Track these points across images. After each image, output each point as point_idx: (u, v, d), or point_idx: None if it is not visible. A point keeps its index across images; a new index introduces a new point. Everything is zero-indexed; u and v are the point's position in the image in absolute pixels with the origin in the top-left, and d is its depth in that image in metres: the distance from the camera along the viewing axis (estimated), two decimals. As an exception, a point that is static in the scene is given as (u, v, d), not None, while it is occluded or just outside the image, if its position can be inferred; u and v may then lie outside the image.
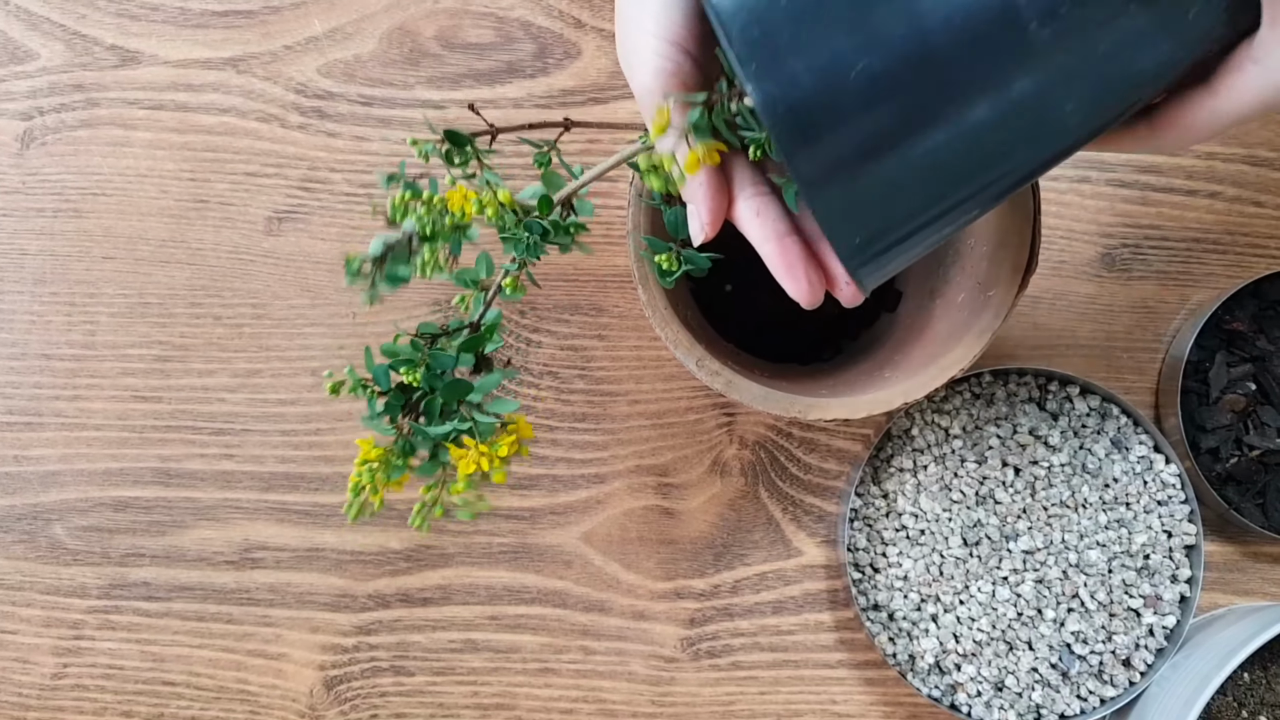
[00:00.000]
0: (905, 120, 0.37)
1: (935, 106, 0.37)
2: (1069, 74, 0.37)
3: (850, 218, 0.39)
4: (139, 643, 0.71)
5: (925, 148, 0.38)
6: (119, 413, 0.71)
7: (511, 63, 0.71)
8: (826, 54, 0.36)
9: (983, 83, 0.36)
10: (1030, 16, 0.35)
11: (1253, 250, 0.71)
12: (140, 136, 0.72)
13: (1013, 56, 0.36)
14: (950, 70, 0.36)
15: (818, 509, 0.71)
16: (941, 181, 0.39)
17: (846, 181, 0.38)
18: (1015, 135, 0.38)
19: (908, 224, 0.41)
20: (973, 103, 0.37)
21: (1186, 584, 0.66)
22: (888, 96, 0.36)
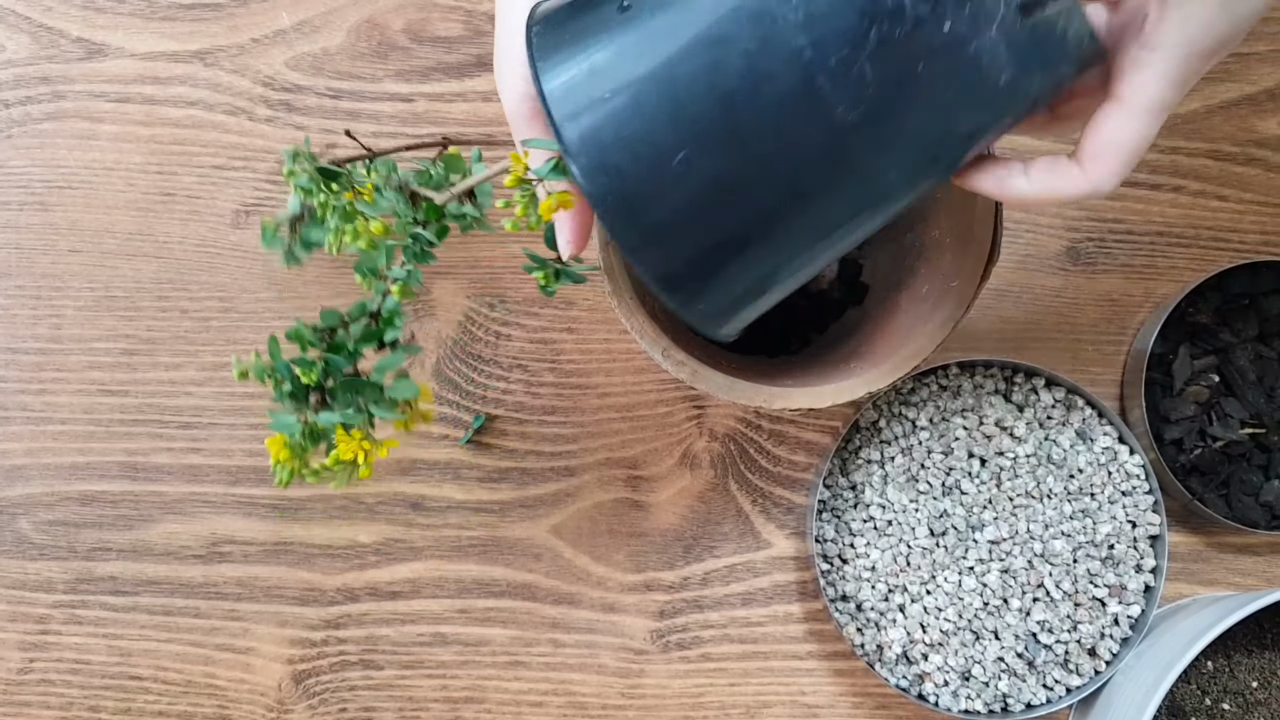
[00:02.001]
0: (724, 203, 0.39)
1: (755, 189, 0.39)
2: (884, 147, 0.38)
3: (679, 285, 0.41)
4: (106, 637, 0.70)
5: (749, 226, 0.39)
6: (85, 406, 0.71)
7: (480, 56, 0.71)
8: (649, 147, 0.38)
9: (801, 165, 0.38)
10: (837, 101, 0.37)
11: (1216, 244, 0.72)
12: (107, 129, 0.71)
13: (825, 138, 0.37)
14: (767, 155, 0.38)
15: (787, 501, 0.71)
16: (771, 253, 0.41)
17: (672, 259, 0.40)
18: (841, 204, 0.40)
19: (742, 291, 0.43)
20: (792, 182, 0.39)
21: (1151, 574, 0.67)
22: (707, 183, 0.38)
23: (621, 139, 0.38)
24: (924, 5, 0.35)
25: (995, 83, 0.38)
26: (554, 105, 0.38)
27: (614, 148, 0.38)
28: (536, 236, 0.71)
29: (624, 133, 0.38)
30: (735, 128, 0.37)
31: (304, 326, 0.51)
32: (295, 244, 0.59)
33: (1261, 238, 0.71)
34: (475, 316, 0.71)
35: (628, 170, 0.38)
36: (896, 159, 0.39)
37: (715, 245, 0.40)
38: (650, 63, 0.37)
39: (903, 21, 0.36)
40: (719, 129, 0.37)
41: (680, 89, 0.37)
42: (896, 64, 0.36)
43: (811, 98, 0.36)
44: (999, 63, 0.37)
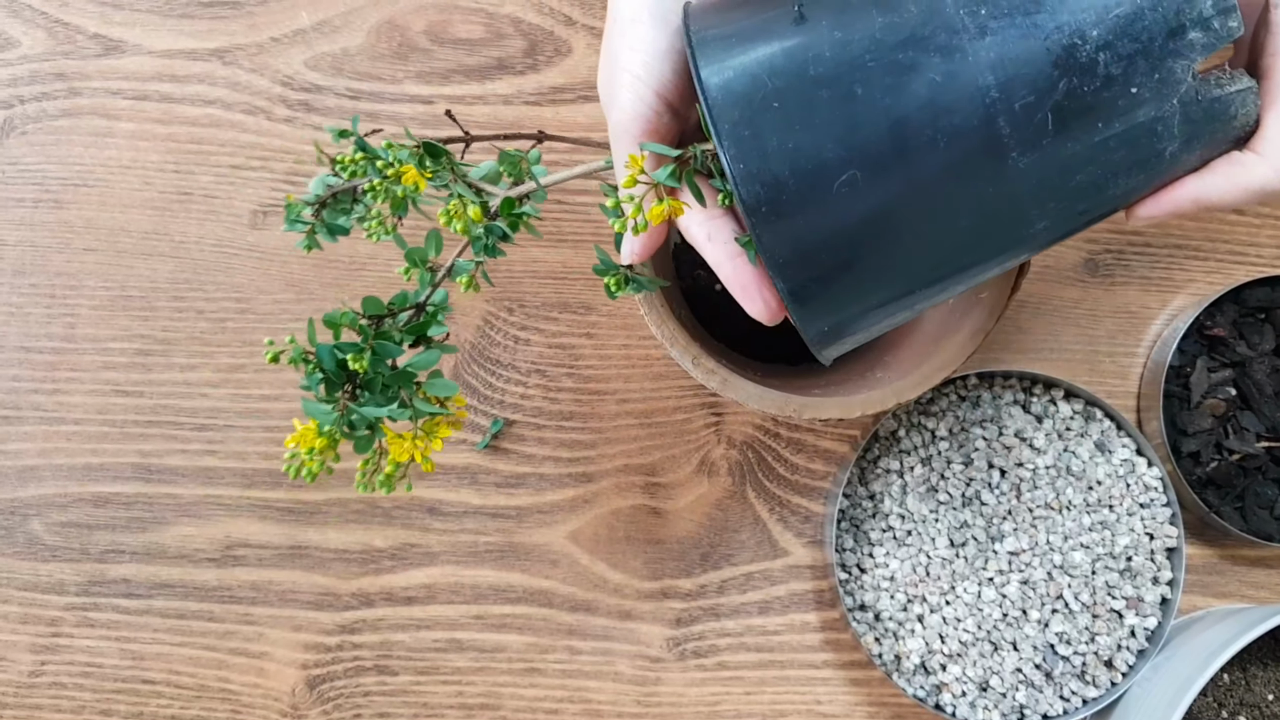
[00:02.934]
0: (881, 233, 0.38)
1: (914, 223, 0.38)
2: (1043, 198, 0.38)
3: (819, 310, 0.41)
4: (118, 640, 0.70)
5: (895, 255, 0.39)
6: (99, 407, 0.70)
7: (501, 59, 0.71)
8: (813, 162, 0.37)
9: (960, 202, 0.38)
10: (1012, 146, 0.37)
11: (1233, 257, 0.72)
12: (123, 127, 0.71)
13: (991, 181, 0.37)
14: (932, 189, 0.37)
15: (804, 509, 0.71)
16: (906, 283, 0.41)
17: (818, 281, 0.39)
18: (985, 246, 0.40)
19: (868, 315, 0.42)
20: (948, 218, 0.38)
21: (1168, 586, 0.67)
22: (868, 209, 0.38)
23: (786, 150, 0.37)
24: (1117, 66, 0.36)
25: (1162, 151, 0.38)
26: (714, 105, 0.37)
27: (777, 158, 0.37)
28: (600, 238, 0.71)
29: (790, 143, 0.37)
30: (906, 157, 0.37)
31: (348, 311, 0.48)
32: (320, 228, 0.56)
33: (1277, 251, 0.72)
34: (494, 320, 0.70)
35: (788, 183, 0.37)
36: (1051, 211, 0.39)
37: (863, 275, 0.39)
38: (827, 76, 0.37)
39: (1093, 79, 0.36)
40: (889, 155, 0.37)
41: (856, 108, 0.37)
42: (1078, 119, 0.37)
43: (989, 138, 0.36)
44: (1171, 133, 0.38)
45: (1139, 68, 0.37)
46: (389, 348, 0.48)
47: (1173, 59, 0.37)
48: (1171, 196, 0.41)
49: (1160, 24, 0.36)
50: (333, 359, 0.47)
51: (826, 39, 0.37)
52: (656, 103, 0.42)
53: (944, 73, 0.36)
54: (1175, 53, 0.37)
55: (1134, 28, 0.36)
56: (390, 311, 0.50)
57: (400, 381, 0.49)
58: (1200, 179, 0.41)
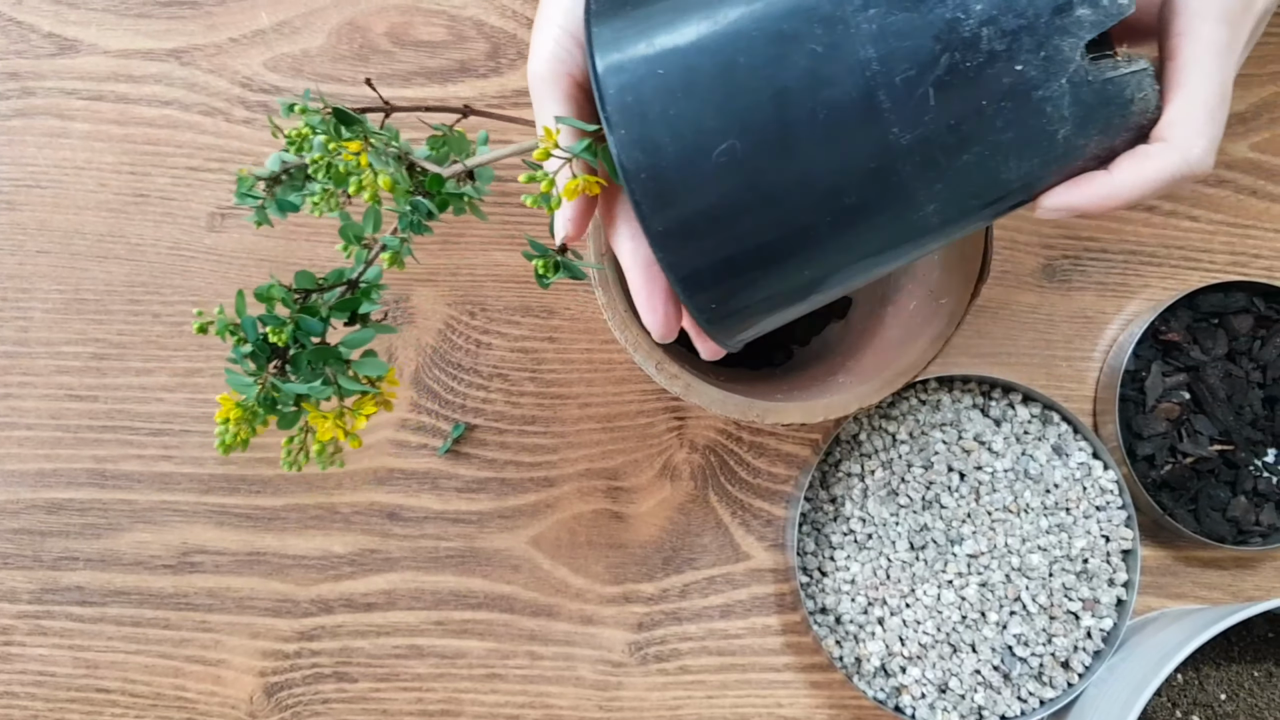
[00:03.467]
0: (760, 204, 0.37)
1: (793, 195, 0.37)
2: (929, 177, 0.37)
3: (700, 285, 0.39)
4: (72, 649, 0.68)
5: (778, 231, 0.38)
6: (52, 411, 0.69)
7: (464, 61, 0.71)
8: (693, 129, 0.36)
9: (843, 178, 0.37)
10: (894, 121, 0.36)
11: (1187, 263, 0.73)
12: (78, 128, 0.70)
13: (873, 157, 0.36)
14: (813, 161, 0.37)
15: (766, 513, 0.71)
16: (795, 263, 0.40)
17: (697, 254, 0.38)
18: (874, 227, 0.39)
19: (760, 300, 0.41)
20: (831, 195, 0.37)
21: (1123, 588, 0.68)
22: (747, 179, 0.37)
23: (667, 116, 0.36)
24: (1000, 41, 0.35)
25: (1053, 135, 0.37)
26: (603, 71, 0.37)
27: (658, 123, 0.36)
28: (537, 223, 0.70)
29: (671, 110, 0.36)
30: (786, 128, 0.36)
31: (277, 284, 0.48)
32: (270, 204, 0.55)
33: (1231, 258, 0.73)
34: (455, 325, 0.70)
35: (668, 150, 0.36)
36: (940, 194, 0.38)
37: (743, 248, 0.38)
38: (711, 45, 0.36)
39: (976, 54, 0.35)
40: (769, 126, 0.36)
41: (738, 77, 0.36)
42: (960, 95, 0.36)
43: (868, 112, 0.36)
44: (1061, 115, 0.36)
45: (1024, 44, 0.35)
46: (311, 323, 0.48)
47: (1059, 36, 0.35)
48: (1078, 191, 0.40)
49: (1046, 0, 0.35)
50: (254, 330, 0.47)
51: (717, 8, 0.37)
52: (571, 44, 0.41)
53: (825, 43, 0.36)
54: (1062, 30, 0.35)
55: (1018, 3, 0.35)
56: (320, 287, 0.49)
57: (325, 358, 0.48)
58: (1109, 175, 0.39)
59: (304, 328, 0.48)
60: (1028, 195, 0.40)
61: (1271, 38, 0.73)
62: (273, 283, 0.48)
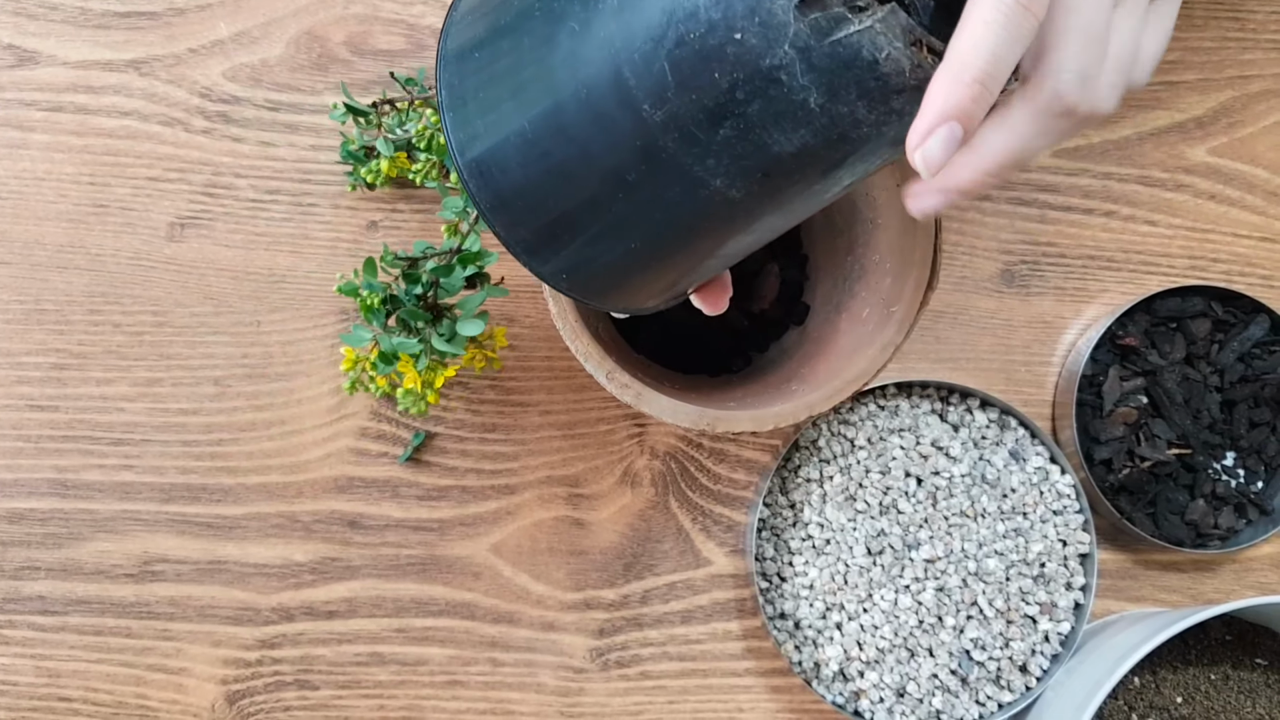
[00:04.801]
0: (557, 180, 0.39)
1: (584, 174, 0.38)
2: (698, 153, 0.36)
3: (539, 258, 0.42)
4: (33, 658, 0.69)
5: (583, 209, 0.39)
6: (13, 422, 0.69)
7: (423, 70, 0.71)
8: (494, 114, 0.39)
9: (617, 156, 0.37)
10: (642, 99, 0.35)
11: (1145, 268, 0.73)
12: (37, 139, 0.70)
13: (637, 135, 0.36)
14: (588, 142, 0.37)
15: (727, 519, 0.71)
16: (613, 239, 0.41)
17: (516, 227, 0.41)
18: (674, 205, 0.38)
19: (600, 274, 0.43)
20: (616, 174, 0.38)
21: (1081, 591, 0.68)
22: (539, 157, 0.38)
23: (478, 101, 0.39)
24: (715, 9, 0.33)
25: (803, 103, 0.34)
26: (441, 63, 0.40)
27: (474, 109, 0.39)
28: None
29: (480, 94, 0.39)
30: (559, 108, 0.37)
31: (391, 253, 0.59)
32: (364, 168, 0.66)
33: (1189, 262, 0.73)
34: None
35: (480, 133, 0.39)
36: (717, 169, 0.36)
37: (552, 222, 0.40)
38: (507, 27, 0.38)
39: (697, 24, 0.33)
40: (545, 104, 0.37)
41: (523, 58, 0.37)
42: (693, 67, 0.34)
43: (619, 89, 0.35)
44: (798, 82, 0.33)
45: (736, 10, 0.32)
46: (412, 287, 0.58)
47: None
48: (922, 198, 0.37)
49: None
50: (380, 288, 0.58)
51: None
52: None
53: (580, 20, 0.35)
54: None
55: None
56: (426, 255, 0.59)
57: (418, 317, 0.58)
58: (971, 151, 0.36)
59: (408, 288, 0.58)
60: (830, 166, 0.37)
61: (1228, 42, 0.73)
62: (387, 252, 0.59)
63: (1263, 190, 0.73)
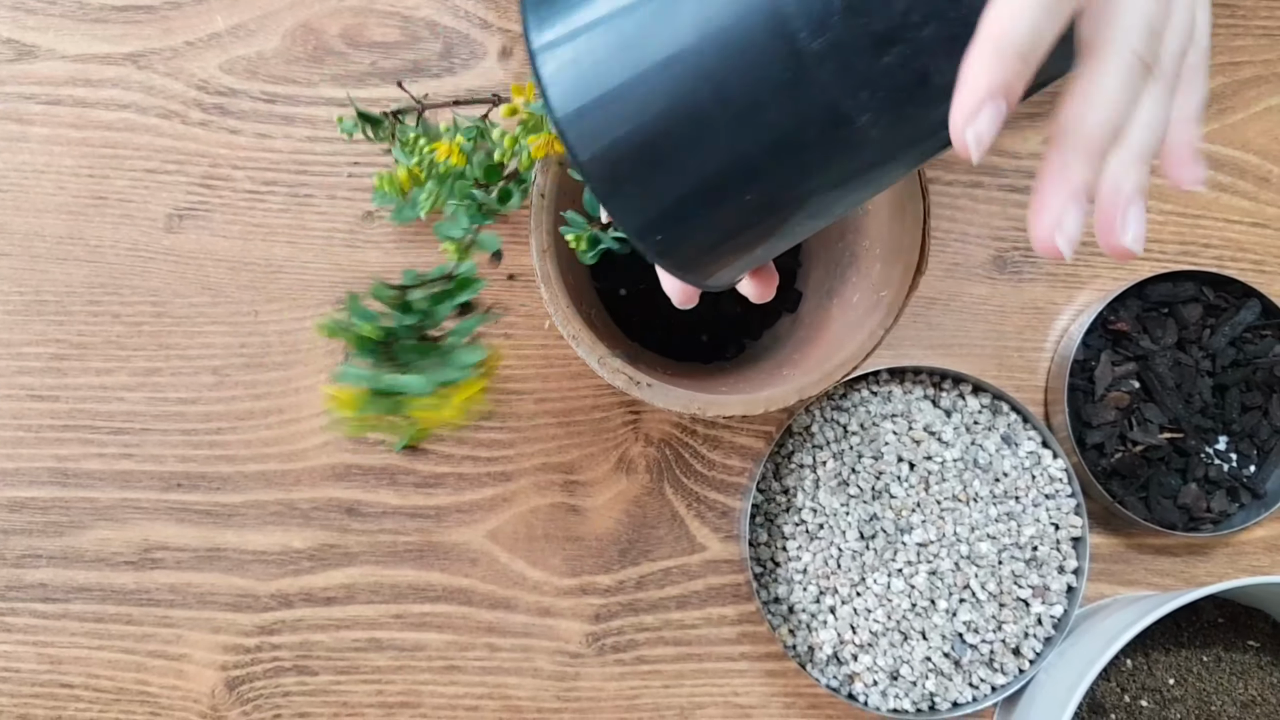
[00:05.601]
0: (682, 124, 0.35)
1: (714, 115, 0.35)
2: (852, 86, 0.33)
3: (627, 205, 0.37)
4: (35, 645, 0.69)
5: (705, 153, 0.36)
6: (14, 412, 0.70)
7: (417, 62, 0.72)
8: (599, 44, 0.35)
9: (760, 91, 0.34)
10: (800, 26, 0.32)
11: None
12: (37, 132, 0.71)
13: (788, 67, 0.33)
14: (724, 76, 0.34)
15: (721, 504, 0.72)
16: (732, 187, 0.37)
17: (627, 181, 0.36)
18: (810, 147, 0.36)
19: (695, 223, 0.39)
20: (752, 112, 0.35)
21: (1073, 575, 0.69)
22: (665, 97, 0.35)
23: (598, 67, 0.35)
24: None
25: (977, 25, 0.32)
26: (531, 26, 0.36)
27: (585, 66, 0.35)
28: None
29: (600, 60, 0.35)
30: (689, 39, 0.33)
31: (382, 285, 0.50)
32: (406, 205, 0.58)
33: (1180, 247, 0.74)
34: (412, 322, 0.71)
35: (607, 105, 0.35)
36: (868, 101, 0.34)
37: (664, 170, 0.36)
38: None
39: None
40: (670, 33, 0.34)
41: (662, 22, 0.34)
42: None
43: (772, 15, 0.32)
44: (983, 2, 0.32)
45: None
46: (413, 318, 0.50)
47: None
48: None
49: None
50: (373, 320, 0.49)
51: None
52: None
53: None
54: None
55: None
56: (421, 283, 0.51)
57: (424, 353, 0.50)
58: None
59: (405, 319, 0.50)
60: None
61: (1218, 29, 0.74)
62: (377, 284, 0.49)
63: (1254, 175, 0.74)
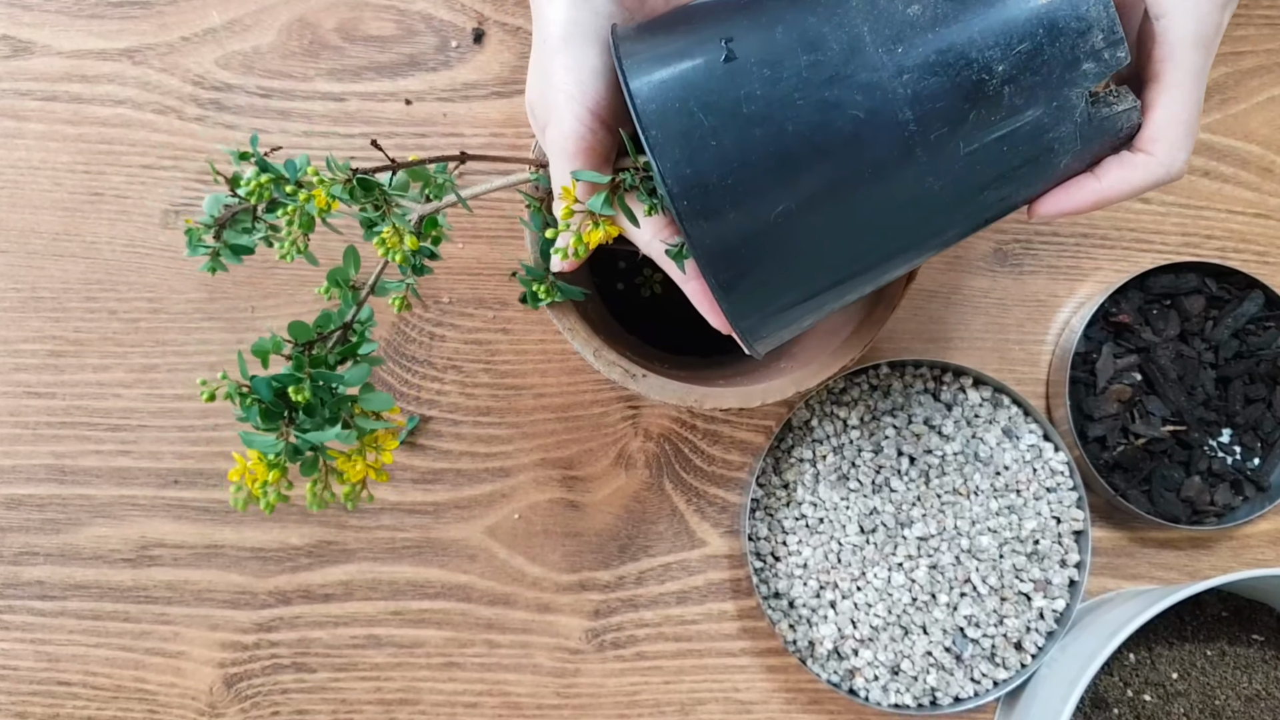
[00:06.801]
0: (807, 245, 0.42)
1: (837, 236, 0.43)
2: (954, 212, 0.43)
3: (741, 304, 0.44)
4: (33, 643, 0.69)
5: (819, 266, 0.44)
6: (11, 409, 0.70)
7: (413, 55, 0.71)
8: (749, 193, 0.40)
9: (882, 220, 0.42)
10: (928, 173, 0.41)
11: (1138, 245, 0.73)
12: (33, 128, 0.70)
13: (911, 205, 0.42)
14: (854, 212, 0.42)
15: (721, 500, 0.71)
16: (829, 285, 0.45)
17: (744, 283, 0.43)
18: (903, 253, 0.45)
19: (791, 312, 0.46)
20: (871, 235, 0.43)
21: (1075, 568, 0.68)
22: (795, 226, 0.41)
23: (725, 184, 0.40)
24: (1020, 97, 0.40)
25: (1059, 163, 0.43)
26: (645, 115, 0.40)
27: (718, 193, 0.40)
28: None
29: (728, 177, 0.40)
30: (836, 187, 0.41)
31: (278, 338, 0.48)
32: (224, 251, 0.54)
33: (1183, 239, 0.73)
34: (409, 317, 0.71)
35: (728, 213, 0.40)
36: (960, 219, 0.44)
37: (788, 279, 0.43)
38: (760, 113, 0.40)
39: (999, 109, 0.40)
40: (820, 186, 0.40)
41: (788, 142, 0.40)
42: (985, 143, 0.41)
43: (907, 166, 0.40)
44: (1066, 148, 0.42)
45: (1039, 97, 0.40)
46: (329, 375, 0.48)
47: (1069, 87, 0.41)
48: (1070, 197, 0.45)
49: (1058, 59, 0.40)
50: (270, 390, 0.47)
51: (756, 77, 0.40)
52: (591, 120, 0.44)
53: (866, 109, 0.40)
54: (1071, 82, 0.40)
55: (1035, 62, 0.40)
56: (319, 336, 0.49)
57: (340, 405, 0.49)
58: (1097, 180, 0.44)
59: (320, 379, 0.48)
60: (1024, 203, 0.45)
61: (1220, 18, 0.73)
62: (271, 338, 0.48)
63: (1256, 166, 0.73)
